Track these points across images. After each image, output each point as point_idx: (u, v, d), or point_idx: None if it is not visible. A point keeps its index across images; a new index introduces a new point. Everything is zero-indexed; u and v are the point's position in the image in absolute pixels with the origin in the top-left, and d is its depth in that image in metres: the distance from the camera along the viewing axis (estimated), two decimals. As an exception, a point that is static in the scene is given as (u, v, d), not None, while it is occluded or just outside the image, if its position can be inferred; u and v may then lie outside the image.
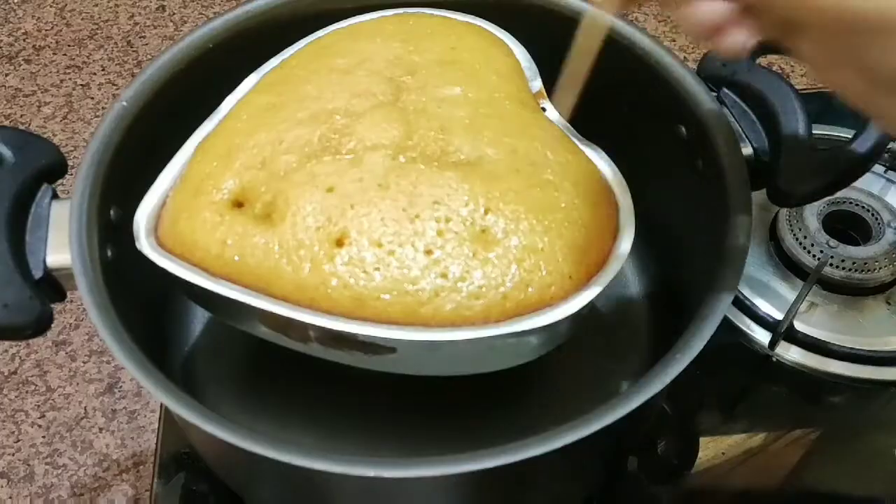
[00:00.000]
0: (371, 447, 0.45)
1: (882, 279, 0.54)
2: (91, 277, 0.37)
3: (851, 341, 0.52)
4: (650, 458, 0.50)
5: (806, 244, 0.54)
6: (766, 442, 0.50)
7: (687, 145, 0.44)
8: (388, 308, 0.35)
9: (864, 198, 0.56)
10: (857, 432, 0.51)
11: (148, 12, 0.85)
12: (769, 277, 0.55)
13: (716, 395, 0.52)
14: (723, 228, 0.39)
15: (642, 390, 0.34)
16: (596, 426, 0.33)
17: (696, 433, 0.51)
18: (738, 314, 0.54)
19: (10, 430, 0.57)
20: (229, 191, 0.38)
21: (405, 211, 0.37)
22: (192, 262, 0.37)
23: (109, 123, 0.42)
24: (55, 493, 0.54)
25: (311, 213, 0.37)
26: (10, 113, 0.76)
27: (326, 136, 0.39)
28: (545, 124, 0.41)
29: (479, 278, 0.35)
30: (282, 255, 0.36)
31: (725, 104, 0.43)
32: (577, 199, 0.38)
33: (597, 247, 0.37)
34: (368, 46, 0.43)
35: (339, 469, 0.32)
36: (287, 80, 0.42)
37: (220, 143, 0.40)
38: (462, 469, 0.32)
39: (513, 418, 0.46)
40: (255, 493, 0.45)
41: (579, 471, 0.44)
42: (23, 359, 0.60)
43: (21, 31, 0.84)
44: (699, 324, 0.36)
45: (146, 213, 0.39)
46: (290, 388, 0.46)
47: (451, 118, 0.39)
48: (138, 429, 0.57)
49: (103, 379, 0.59)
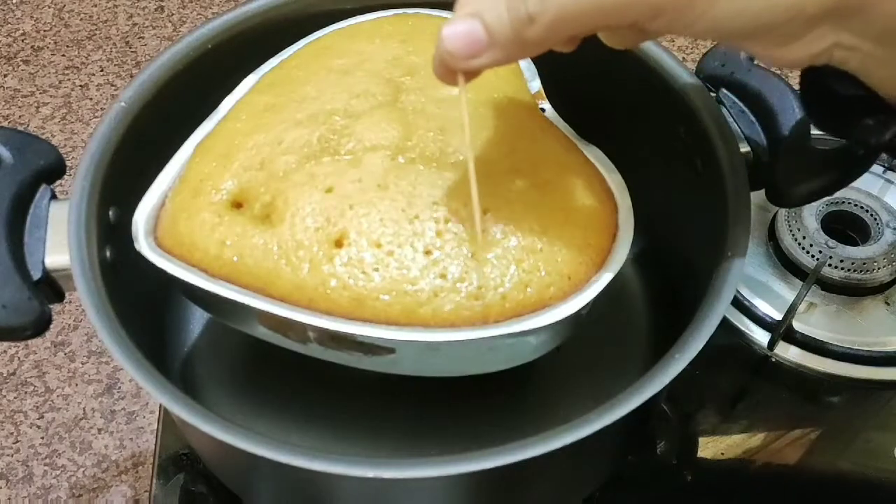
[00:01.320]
0: (370, 448, 0.45)
1: (881, 279, 0.54)
2: (90, 278, 0.37)
3: (850, 341, 0.52)
4: (650, 458, 0.50)
5: (805, 244, 0.54)
6: (766, 442, 0.50)
7: (685, 146, 0.44)
8: (388, 308, 0.35)
9: (862, 198, 0.56)
10: (856, 432, 0.51)
11: (147, 13, 0.85)
12: (768, 278, 0.55)
13: (715, 396, 0.52)
14: (722, 229, 0.39)
15: (642, 390, 0.34)
16: (596, 426, 0.33)
17: (695, 433, 0.51)
18: (738, 314, 0.54)
19: (8, 430, 0.57)
20: (228, 191, 0.38)
21: (404, 211, 0.37)
22: (191, 262, 0.37)
23: (108, 124, 0.42)
24: (54, 494, 0.54)
25: (310, 214, 0.37)
26: (9, 114, 0.76)
27: (325, 136, 0.39)
28: (544, 124, 0.41)
29: (478, 279, 0.35)
30: (281, 255, 0.36)
31: (724, 104, 0.43)
32: (575, 199, 0.38)
33: (596, 247, 0.37)
34: (367, 47, 0.43)
35: (338, 470, 0.32)
36: (286, 81, 0.42)
37: (219, 144, 0.40)
38: (462, 469, 0.32)
39: (513, 418, 0.46)
40: (254, 493, 0.45)
41: (579, 471, 0.44)
42: (21, 360, 0.60)
43: (19, 32, 0.84)
44: (698, 324, 0.36)
45: (145, 214, 0.39)
46: (289, 388, 0.46)
47: (450, 119, 0.39)
48: (137, 430, 0.57)
49: (102, 380, 0.59)
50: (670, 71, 0.44)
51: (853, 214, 0.56)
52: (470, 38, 0.29)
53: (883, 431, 0.51)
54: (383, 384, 0.40)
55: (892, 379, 0.52)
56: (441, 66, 0.31)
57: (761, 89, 0.42)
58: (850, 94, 0.31)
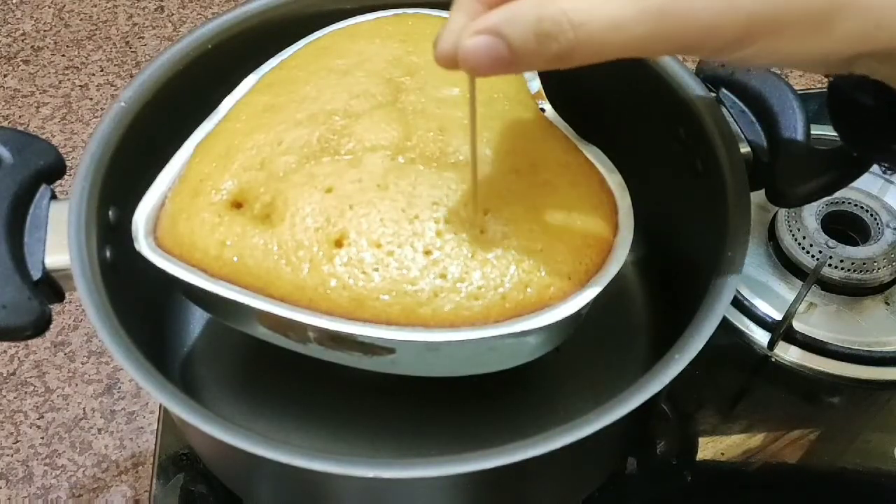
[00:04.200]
0: (370, 447, 0.45)
1: (881, 279, 0.54)
2: (90, 278, 0.37)
3: (850, 341, 0.52)
4: (650, 458, 0.50)
5: (805, 244, 0.54)
6: (766, 442, 0.50)
7: (686, 146, 0.44)
8: (388, 308, 0.35)
9: (862, 198, 0.56)
10: (856, 432, 0.51)
11: (146, 13, 0.85)
12: (768, 278, 0.55)
13: (715, 396, 0.52)
14: (722, 229, 0.39)
15: (642, 390, 0.34)
16: (596, 426, 0.33)
17: (695, 433, 0.51)
18: (737, 314, 0.54)
19: (8, 430, 0.57)
20: (228, 191, 0.38)
21: (404, 211, 0.37)
22: (191, 262, 0.37)
23: (108, 124, 0.42)
24: (54, 494, 0.54)
25: (310, 214, 0.37)
26: (9, 114, 0.76)
27: (325, 136, 0.39)
28: (544, 125, 0.41)
29: (478, 279, 0.35)
30: (281, 255, 0.36)
31: (724, 104, 0.43)
32: (575, 199, 0.38)
33: (596, 247, 0.37)
34: (367, 47, 0.43)
35: (338, 470, 0.32)
36: (286, 81, 0.42)
37: (219, 144, 0.40)
38: (462, 469, 0.32)
39: (513, 418, 0.46)
40: (254, 493, 0.45)
41: (579, 471, 0.44)
42: (21, 360, 0.60)
43: (19, 32, 0.84)
44: (698, 324, 0.36)
45: (145, 214, 0.39)
46: (289, 388, 0.46)
47: (450, 119, 0.39)
48: (137, 430, 0.57)
49: (102, 380, 0.59)
50: (670, 71, 0.44)
51: (853, 214, 0.56)
52: (493, 56, 0.28)
53: (883, 431, 0.51)
54: (383, 384, 0.40)
55: (892, 379, 0.51)
56: (446, 60, 0.30)
57: (761, 89, 0.42)
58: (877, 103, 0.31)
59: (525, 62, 0.28)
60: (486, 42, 0.28)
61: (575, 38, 0.26)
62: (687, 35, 0.26)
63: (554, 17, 0.26)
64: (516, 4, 0.27)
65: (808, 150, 0.41)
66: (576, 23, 0.26)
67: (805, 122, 0.41)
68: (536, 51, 0.27)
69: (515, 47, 0.27)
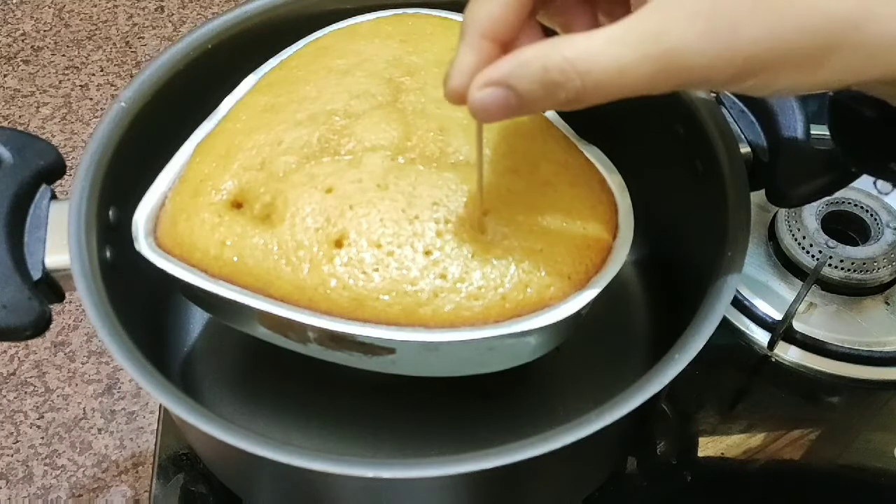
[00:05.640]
0: (370, 448, 0.45)
1: (881, 279, 0.54)
2: (90, 278, 0.37)
3: (850, 341, 0.52)
4: (650, 458, 0.50)
5: (805, 244, 0.54)
6: (766, 442, 0.50)
7: (685, 146, 0.44)
8: (388, 309, 0.35)
9: (862, 198, 0.56)
10: (856, 432, 0.51)
11: (146, 13, 0.85)
12: (768, 278, 0.55)
13: (715, 396, 0.52)
14: (722, 229, 0.39)
15: (642, 390, 0.34)
16: (596, 426, 0.33)
17: (695, 433, 0.51)
18: (737, 314, 0.54)
19: (8, 430, 0.57)
20: (228, 192, 0.38)
21: (404, 212, 0.37)
22: (191, 262, 0.37)
23: (108, 124, 0.42)
24: (54, 494, 0.54)
25: (310, 214, 0.37)
26: (9, 114, 0.76)
27: (325, 136, 0.39)
28: (544, 125, 0.41)
29: (478, 279, 0.35)
30: (281, 255, 0.36)
31: (724, 104, 0.43)
32: (575, 200, 0.38)
33: (595, 247, 0.37)
34: (367, 47, 0.43)
35: (338, 470, 0.32)
36: (286, 81, 0.42)
37: (219, 144, 0.40)
38: (462, 469, 0.32)
39: (513, 418, 0.46)
40: (254, 493, 0.45)
41: (579, 471, 0.44)
42: (21, 360, 0.60)
43: (19, 32, 0.84)
44: (698, 324, 0.36)
45: (145, 214, 0.39)
46: (289, 388, 0.46)
47: (449, 119, 0.39)
48: (137, 430, 0.57)
49: (102, 380, 0.59)
50: (670, 71, 0.44)
51: (853, 214, 0.56)
52: (503, 106, 0.29)
53: (883, 431, 0.51)
54: (383, 384, 0.40)
55: (892, 379, 0.52)
56: (456, 98, 0.31)
57: (761, 89, 0.42)
58: (877, 116, 0.32)
59: (535, 108, 0.29)
60: (496, 94, 0.29)
61: (582, 85, 0.27)
62: (689, 76, 0.27)
63: (560, 66, 0.27)
64: (522, 53, 0.28)
65: (808, 151, 0.41)
66: (581, 71, 0.27)
67: (805, 122, 0.41)
68: (545, 98, 0.28)
69: (524, 97, 0.28)
